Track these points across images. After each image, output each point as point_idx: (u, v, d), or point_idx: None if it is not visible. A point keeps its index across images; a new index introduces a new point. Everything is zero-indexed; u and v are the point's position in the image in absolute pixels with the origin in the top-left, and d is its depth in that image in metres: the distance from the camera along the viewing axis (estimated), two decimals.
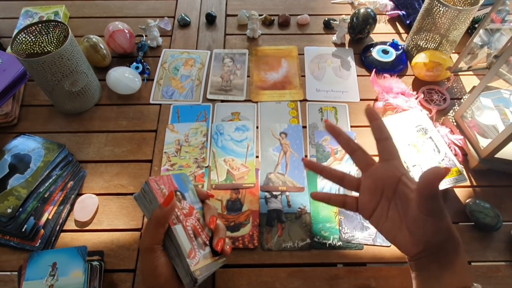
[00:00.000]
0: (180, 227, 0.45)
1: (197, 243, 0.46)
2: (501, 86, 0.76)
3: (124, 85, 0.79)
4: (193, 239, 0.46)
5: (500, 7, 0.73)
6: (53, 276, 0.53)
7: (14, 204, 0.59)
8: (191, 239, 0.46)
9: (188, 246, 0.45)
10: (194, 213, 0.49)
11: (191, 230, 0.47)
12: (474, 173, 0.70)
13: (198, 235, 0.47)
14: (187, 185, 0.51)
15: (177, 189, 0.49)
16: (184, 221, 0.46)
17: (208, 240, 0.48)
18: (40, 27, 0.73)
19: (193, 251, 0.45)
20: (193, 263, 0.44)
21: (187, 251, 0.44)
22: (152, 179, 0.47)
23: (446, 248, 0.42)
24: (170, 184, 0.48)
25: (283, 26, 0.96)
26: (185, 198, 0.49)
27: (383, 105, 0.79)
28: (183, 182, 0.50)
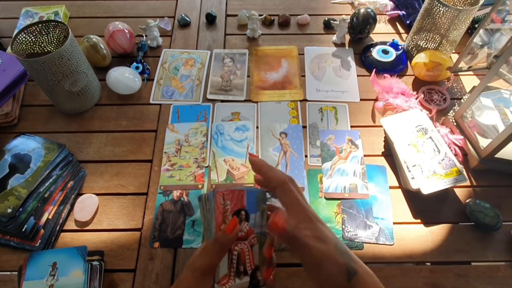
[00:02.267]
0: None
1: (237, 270, 0.43)
2: (501, 86, 0.76)
3: (124, 85, 0.79)
4: (233, 266, 0.43)
5: (500, 7, 0.73)
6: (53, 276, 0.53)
7: (14, 204, 0.59)
8: (232, 265, 0.43)
9: (224, 271, 0.42)
10: (251, 237, 0.44)
11: (236, 255, 0.43)
12: (474, 173, 0.70)
13: (243, 262, 0.44)
14: (259, 204, 0.45)
15: (244, 207, 0.44)
16: (234, 245, 0.43)
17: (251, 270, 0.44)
18: (40, 27, 0.73)
19: (227, 278, 0.43)
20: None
21: (219, 277, 0.42)
22: (220, 192, 0.43)
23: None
24: (238, 201, 0.44)
25: (283, 26, 0.96)
26: (248, 220, 0.44)
27: (383, 105, 0.79)
28: (256, 200, 0.45)
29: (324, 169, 0.70)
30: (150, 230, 0.63)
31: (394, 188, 0.69)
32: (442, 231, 0.64)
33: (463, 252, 0.62)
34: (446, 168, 0.64)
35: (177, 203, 0.67)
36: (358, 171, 0.70)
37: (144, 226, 0.64)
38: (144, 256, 0.61)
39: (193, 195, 0.67)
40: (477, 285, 0.59)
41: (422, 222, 0.65)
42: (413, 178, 0.64)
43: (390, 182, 0.69)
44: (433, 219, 0.65)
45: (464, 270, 0.60)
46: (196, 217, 0.65)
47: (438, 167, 0.64)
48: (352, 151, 0.73)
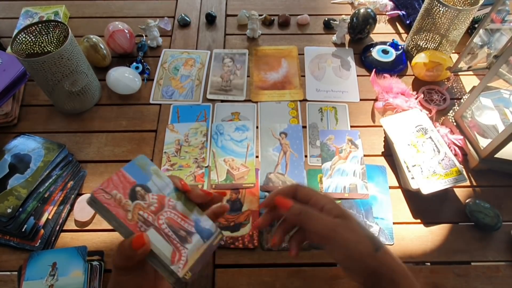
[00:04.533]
0: (152, 231, 0.38)
1: (180, 238, 0.39)
2: (501, 86, 0.76)
3: (124, 85, 0.79)
4: (173, 237, 0.39)
5: (500, 7, 0.73)
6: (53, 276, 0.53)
7: (14, 204, 0.59)
8: (171, 238, 0.39)
9: (168, 249, 0.38)
10: (166, 202, 0.41)
11: (167, 227, 0.39)
12: (474, 173, 0.70)
13: (179, 227, 0.40)
14: (147, 170, 0.42)
15: (135, 183, 0.40)
16: (156, 221, 0.39)
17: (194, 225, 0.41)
18: (40, 27, 0.73)
19: (177, 252, 0.38)
20: (180, 267, 0.38)
21: (169, 256, 0.38)
22: (99, 191, 0.37)
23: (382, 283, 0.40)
24: (124, 182, 0.40)
25: (283, 26, 0.96)
26: (149, 191, 0.40)
27: (383, 105, 0.79)
28: (141, 170, 0.41)
29: (324, 169, 0.70)
30: None
31: (394, 188, 0.69)
32: (442, 231, 0.64)
33: (463, 252, 0.62)
34: (446, 168, 0.64)
35: None
36: (358, 171, 0.70)
37: None
38: None
39: None
40: (477, 285, 0.59)
41: (422, 222, 0.65)
42: (413, 178, 0.64)
43: (390, 182, 0.69)
44: (433, 219, 0.65)
45: (464, 270, 0.60)
46: None
47: (438, 167, 0.64)
48: (352, 151, 0.73)
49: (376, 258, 0.40)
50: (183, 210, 0.41)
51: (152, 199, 0.40)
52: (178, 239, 0.39)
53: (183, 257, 0.38)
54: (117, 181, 0.39)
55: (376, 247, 0.40)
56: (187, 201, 0.42)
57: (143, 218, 0.38)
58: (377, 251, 0.40)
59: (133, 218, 0.38)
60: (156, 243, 0.37)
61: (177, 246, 0.39)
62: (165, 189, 0.42)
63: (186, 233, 0.40)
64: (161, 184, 0.42)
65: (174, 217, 0.40)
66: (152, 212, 0.39)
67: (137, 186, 0.40)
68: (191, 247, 0.40)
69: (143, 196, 0.40)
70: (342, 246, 0.40)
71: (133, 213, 0.38)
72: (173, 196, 0.42)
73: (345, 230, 0.41)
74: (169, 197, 0.41)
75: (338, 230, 0.40)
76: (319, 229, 0.41)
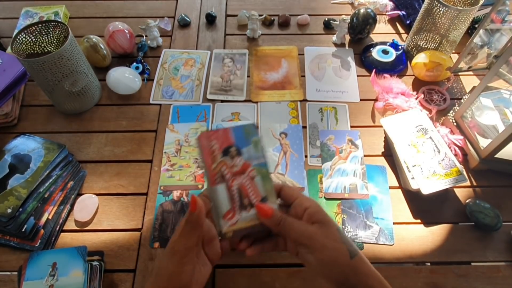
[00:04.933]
0: (223, 187, 0.44)
1: (241, 204, 0.44)
2: (501, 86, 0.76)
3: (124, 85, 0.79)
4: (235, 200, 0.44)
5: (500, 7, 0.73)
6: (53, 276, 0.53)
7: (14, 204, 0.59)
8: (234, 200, 0.44)
9: (226, 207, 0.44)
10: (248, 170, 0.45)
11: (236, 190, 0.44)
12: (474, 173, 0.70)
13: (246, 195, 0.44)
14: (250, 138, 0.46)
15: (232, 144, 0.45)
16: (230, 181, 0.44)
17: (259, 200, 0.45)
18: (40, 27, 0.73)
19: (232, 212, 0.44)
20: (227, 224, 0.43)
21: (224, 212, 0.43)
22: (204, 135, 0.44)
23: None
24: (225, 139, 0.45)
25: (283, 26, 0.96)
26: (240, 154, 0.45)
27: (383, 105, 0.79)
28: (244, 134, 0.46)
29: (324, 169, 0.70)
30: (150, 230, 0.63)
31: (394, 188, 0.69)
32: (442, 231, 0.64)
33: (463, 252, 0.62)
34: (446, 168, 0.64)
35: (177, 203, 0.67)
36: (358, 171, 0.70)
37: (144, 226, 0.64)
38: (144, 256, 0.61)
39: None
40: (477, 285, 0.59)
41: (422, 222, 0.65)
42: (413, 178, 0.64)
43: (390, 182, 0.69)
44: (433, 219, 0.65)
45: (464, 270, 0.60)
46: None
47: (438, 167, 0.64)
48: (352, 151, 0.73)
49: (351, 265, 0.41)
50: (258, 184, 0.45)
51: (238, 162, 0.45)
52: (239, 204, 0.44)
53: (234, 219, 0.43)
54: (221, 135, 0.45)
55: (352, 254, 0.41)
56: (267, 180, 0.45)
57: (222, 174, 0.44)
58: (352, 258, 0.41)
59: (216, 169, 0.44)
60: (220, 197, 0.43)
61: (234, 209, 0.44)
62: (254, 160, 0.45)
63: (249, 203, 0.44)
64: (253, 154, 0.46)
65: (247, 186, 0.45)
66: (232, 172, 0.44)
67: (233, 146, 0.45)
68: (245, 216, 0.44)
69: (233, 156, 0.45)
70: (318, 253, 0.41)
71: (218, 165, 0.44)
72: (257, 169, 0.45)
73: (322, 237, 0.42)
74: (253, 168, 0.45)
75: (316, 237, 0.42)
76: (298, 237, 0.42)
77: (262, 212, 0.43)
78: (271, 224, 0.43)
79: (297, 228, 0.42)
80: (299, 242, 0.43)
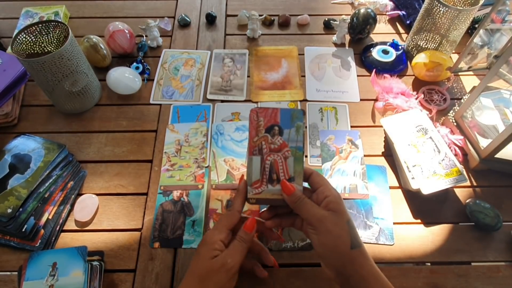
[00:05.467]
0: (258, 159, 0.49)
1: (270, 178, 0.49)
2: (501, 86, 0.76)
3: (124, 85, 0.79)
4: (266, 173, 0.49)
5: (500, 7, 0.73)
6: (53, 276, 0.53)
7: (14, 204, 0.59)
8: (264, 172, 0.49)
9: (256, 177, 0.49)
10: (285, 150, 0.50)
11: (269, 165, 0.49)
12: (474, 173, 0.70)
13: (276, 171, 0.49)
14: (294, 122, 0.50)
15: (277, 123, 0.50)
16: (266, 155, 0.50)
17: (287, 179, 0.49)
18: (40, 27, 0.74)
19: (259, 183, 0.49)
20: (252, 192, 0.49)
21: (253, 181, 0.49)
22: (254, 110, 0.50)
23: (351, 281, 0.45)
24: (272, 118, 0.50)
25: (283, 26, 0.96)
26: (281, 134, 0.50)
27: (383, 105, 0.79)
28: (290, 117, 0.50)
29: (324, 169, 0.70)
30: (150, 230, 0.63)
31: (394, 188, 0.69)
32: (442, 231, 0.64)
33: (463, 252, 0.62)
34: (446, 168, 0.64)
35: (177, 203, 0.67)
36: (358, 171, 0.70)
37: (144, 226, 0.64)
38: (144, 256, 0.61)
39: (193, 195, 0.67)
40: (477, 285, 0.59)
41: (422, 222, 0.65)
42: (413, 178, 0.64)
43: (390, 182, 0.69)
44: (433, 219, 0.65)
45: (464, 270, 0.60)
46: (196, 217, 0.65)
47: (438, 167, 0.64)
48: (352, 151, 0.73)
49: (350, 254, 0.45)
50: (289, 165, 0.50)
51: (278, 141, 0.50)
52: (267, 177, 0.50)
53: (260, 189, 0.49)
54: (269, 113, 0.50)
55: (353, 246, 0.45)
56: (299, 163, 0.50)
57: (260, 147, 0.50)
58: (352, 249, 0.45)
59: (256, 141, 0.50)
60: (253, 167, 0.50)
61: (263, 180, 0.49)
62: (292, 142, 0.50)
63: (276, 179, 0.50)
64: (293, 137, 0.50)
65: (279, 163, 0.50)
66: (270, 149, 0.50)
67: (277, 125, 0.50)
68: (270, 188, 0.49)
69: (274, 134, 0.50)
70: (322, 236, 0.46)
71: (259, 139, 0.50)
72: (293, 151, 0.50)
73: (330, 223, 0.46)
74: (289, 149, 0.50)
75: (324, 221, 0.46)
76: (309, 217, 0.47)
77: (285, 189, 0.48)
78: (290, 201, 0.48)
79: (310, 210, 0.47)
80: (309, 222, 0.47)
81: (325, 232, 0.45)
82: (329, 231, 0.45)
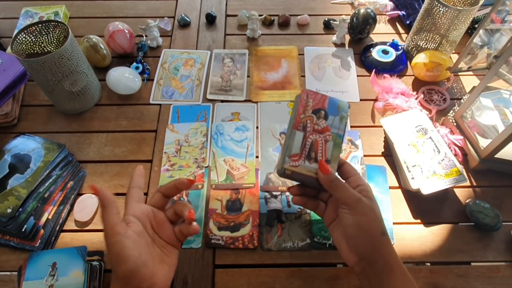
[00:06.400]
0: (301, 135, 0.51)
1: (308, 155, 0.51)
2: (501, 86, 0.76)
3: (124, 85, 0.79)
4: (306, 149, 0.51)
5: (500, 7, 0.73)
6: (53, 276, 0.53)
7: (14, 204, 0.59)
8: (304, 148, 0.51)
9: (296, 150, 0.51)
10: (327, 133, 0.52)
11: (309, 142, 0.51)
12: (474, 173, 0.70)
13: (315, 150, 0.51)
14: (340, 112, 0.53)
15: (324, 108, 0.53)
16: (309, 133, 0.52)
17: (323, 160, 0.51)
18: (40, 27, 0.74)
19: (298, 156, 0.51)
20: (289, 163, 0.51)
21: (292, 153, 0.51)
22: (305, 91, 0.53)
23: (374, 267, 0.46)
24: (320, 102, 0.53)
25: (283, 26, 0.96)
26: (326, 118, 0.52)
27: (383, 105, 0.79)
28: (337, 107, 0.53)
29: None
30: None
31: (394, 188, 0.69)
32: (442, 231, 0.64)
33: (463, 252, 0.62)
34: (446, 168, 0.64)
35: None
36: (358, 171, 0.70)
37: None
38: None
39: (193, 195, 0.67)
40: (477, 285, 0.59)
41: (422, 222, 0.65)
42: (413, 178, 0.64)
43: (390, 182, 0.69)
44: (433, 219, 0.65)
45: (464, 270, 0.60)
46: (196, 217, 0.65)
47: (438, 167, 0.64)
48: (352, 151, 0.73)
49: (381, 240, 0.46)
50: (329, 147, 0.52)
51: (322, 124, 0.52)
52: (306, 154, 0.51)
53: (297, 163, 0.51)
54: (319, 98, 0.53)
55: (383, 232, 0.46)
56: (337, 149, 0.52)
57: (305, 124, 0.52)
58: (383, 235, 0.46)
59: (303, 118, 0.52)
60: (295, 141, 0.51)
61: (302, 156, 0.51)
62: (334, 128, 0.53)
63: (314, 157, 0.51)
64: (335, 124, 0.53)
65: (320, 144, 0.52)
66: (314, 128, 0.52)
67: (323, 110, 0.53)
68: (307, 164, 0.51)
69: (320, 117, 0.52)
70: (357, 216, 0.46)
71: (305, 117, 0.52)
72: (334, 136, 0.52)
73: (366, 206, 0.47)
74: (330, 133, 0.52)
75: (361, 202, 0.47)
76: (346, 197, 0.47)
77: (323, 168, 0.49)
78: (326, 180, 0.49)
79: (348, 190, 0.48)
80: (344, 202, 0.47)
81: (361, 213, 0.46)
82: (364, 213, 0.46)
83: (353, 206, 0.47)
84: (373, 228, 0.46)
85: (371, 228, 0.46)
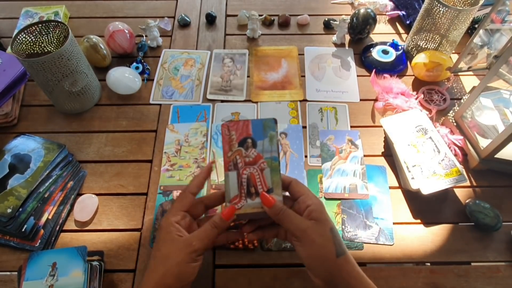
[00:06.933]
0: (234, 174, 0.48)
1: (248, 192, 0.48)
2: (501, 86, 0.76)
3: (124, 85, 0.79)
4: (244, 188, 0.48)
5: (500, 7, 0.73)
6: (53, 276, 0.52)
7: (14, 204, 0.59)
8: (242, 187, 0.48)
9: (234, 192, 0.48)
10: (260, 162, 0.49)
11: (245, 179, 0.49)
12: (474, 173, 0.70)
13: (254, 184, 0.48)
14: (267, 132, 0.50)
15: (250, 135, 0.49)
16: (242, 169, 0.49)
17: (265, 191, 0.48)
18: (40, 27, 0.73)
19: (238, 197, 0.48)
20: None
21: (231, 197, 0.48)
22: (225, 125, 0.49)
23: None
24: (244, 130, 0.49)
25: (283, 26, 0.96)
26: (255, 146, 0.49)
27: (383, 105, 0.79)
28: (262, 128, 0.50)
29: (324, 169, 0.70)
30: (150, 230, 0.63)
31: (394, 188, 0.69)
32: (442, 231, 0.64)
33: (463, 252, 0.62)
34: (446, 168, 0.64)
35: None
36: (358, 171, 0.70)
37: (144, 226, 0.64)
38: (144, 256, 0.61)
39: None
40: (477, 285, 0.59)
41: (422, 222, 0.65)
42: (413, 178, 0.64)
43: (390, 182, 0.69)
44: (433, 219, 0.65)
45: (464, 270, 0.60)
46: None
47: (438, 167, 0.64)
48: (352, 151, 0.73)
49: (336, 263, 0.44)
50: (266, 176, 0.49)
51: (252, 154, 0.49)
52: (246, 192, 0.48)
53: (239, 204, 0.48)
54: (241, 126, 0.50)
55: (338, 254, 0.44)
56: (276, 173, 0.49)
57: (235, 162, 0.49)
58: (338, 257, 0.44)
59: (230, 157, 0.49)
60: (230, 183, 0.48)
61: (241, 195, 0.48)
62: (266, 153, 0.49)
63: (255, 192, 0.48)
64: (267, 148, 0.50)
65: (256, 176, 0.49)
66: (245, 162, 0.49)
67: (249, 138, 0.49)
68: (250, 202, 0.48)
69: (248, 147, 0.49)
70: (307, 247, 0.45)
71: (233, 154, 0.49)
72: (268, 162, 0.49)
73: (314, 233, 0.45)
74: (264, 160, 0.49)
75: (308, 232, 0.45)
76: (293, 229, 0.46)
77: (265, 201, 0.47)
78: (272, 213, 0.47)
79: (293, 221, 0.46)
80: (293, 234, 0.46)
81: (309, 243, 0.45)
82: (313, 242, 0.45)
83: (301, 238, 0.45)
84: (325, 254, 0.44)
85: (323, 255, 0.44)
